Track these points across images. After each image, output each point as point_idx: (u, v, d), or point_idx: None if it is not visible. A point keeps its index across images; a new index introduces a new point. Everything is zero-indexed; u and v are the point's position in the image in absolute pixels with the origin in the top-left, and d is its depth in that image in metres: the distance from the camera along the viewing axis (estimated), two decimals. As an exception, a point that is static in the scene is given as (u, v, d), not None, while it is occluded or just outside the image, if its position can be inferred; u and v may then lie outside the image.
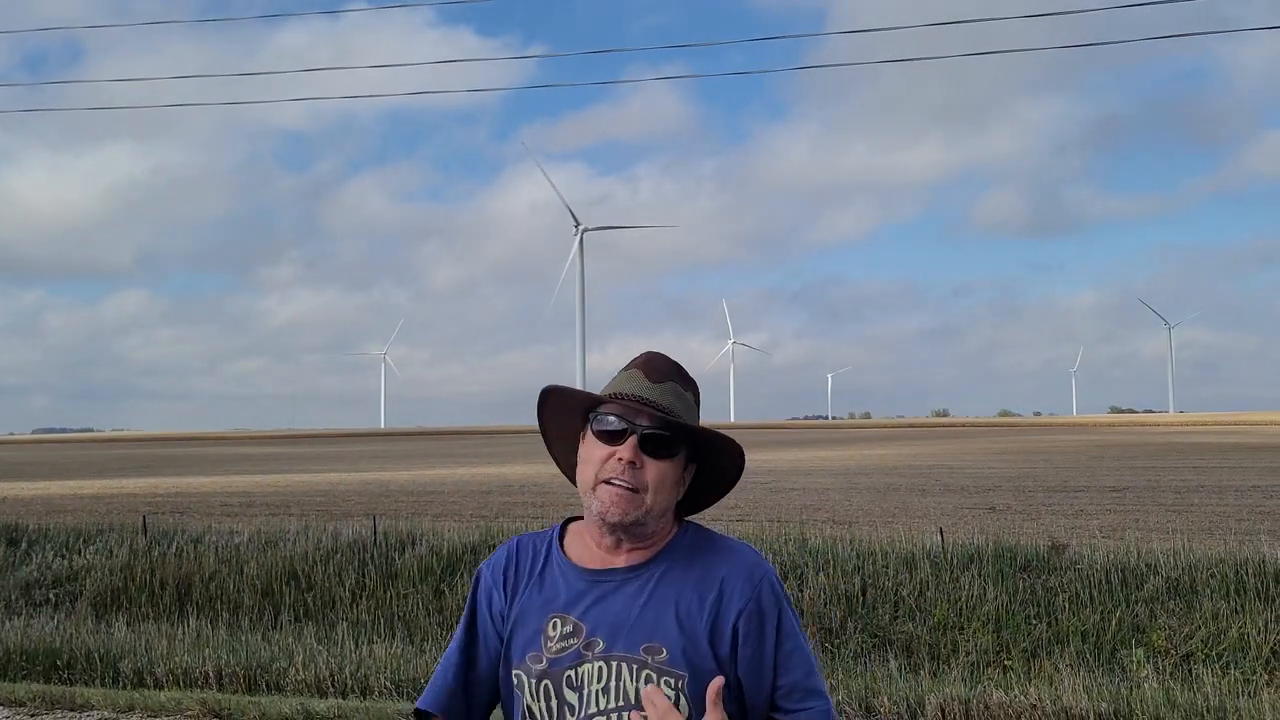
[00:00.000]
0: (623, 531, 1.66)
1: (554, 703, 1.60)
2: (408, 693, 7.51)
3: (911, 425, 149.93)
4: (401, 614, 10.30)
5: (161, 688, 7.94)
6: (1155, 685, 6.96)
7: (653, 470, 1.65)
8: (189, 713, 6.77)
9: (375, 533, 12.04)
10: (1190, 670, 7.77)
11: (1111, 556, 9.79)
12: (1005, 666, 8.18)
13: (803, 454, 45.99)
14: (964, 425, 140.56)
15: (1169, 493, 20.30)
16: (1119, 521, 14.78)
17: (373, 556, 11.39)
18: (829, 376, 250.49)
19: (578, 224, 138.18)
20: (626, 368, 1.74)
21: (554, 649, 1.61)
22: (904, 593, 9.43)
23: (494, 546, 11.19)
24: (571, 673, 1.60)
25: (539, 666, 1.61)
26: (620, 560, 1.69)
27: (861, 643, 8.92)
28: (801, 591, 9.54)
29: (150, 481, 29.93)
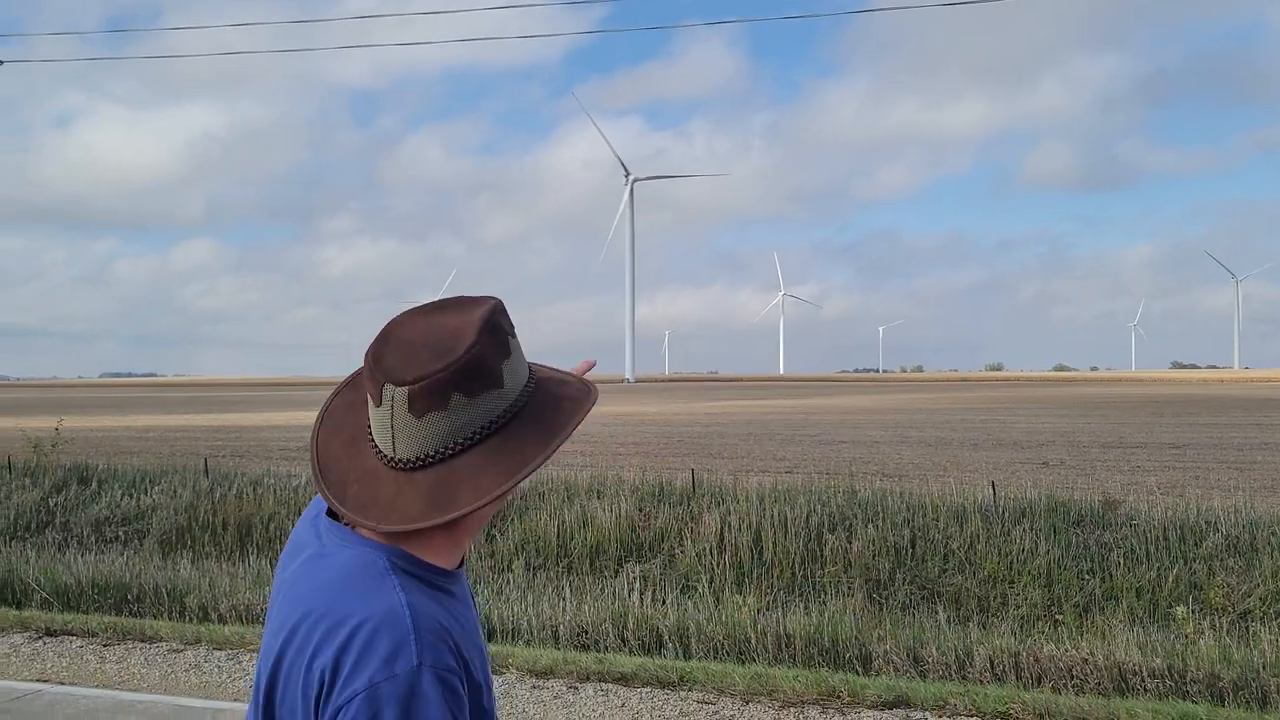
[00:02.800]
0: None
1: None
2: (461, 633, 7.70)
3: (964, 379, 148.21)
4: (454, 557, 10.51)
5: (225, 622, 8.22)
6: (1211, 642, 6.89)
7: None
8: (251, 647, 7.00)
9: (428, 478, 12.22)
10: (1248, 628, 7.66)
11: (1169, 513, 9.64)
12: (1056, 621, 8.14)
13: (849, 400, 45.77)
14: (1018, 379, 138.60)
15: (1231, 450, 19.88)
16: (1178, 479, 14.53)
17: (426, 501, 11.60)
18: (880, 330, 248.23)
19: (628, 174, 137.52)
20: (513, 332, 1.25)
21: None
22: (954, 545, 9.39)
23: (544, 494, 11.35)
24: None
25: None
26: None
27: (910, 594, 8.92)
28: (851, 543, 9.55)
29: (212, 418, 30.69)
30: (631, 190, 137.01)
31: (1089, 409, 40.95)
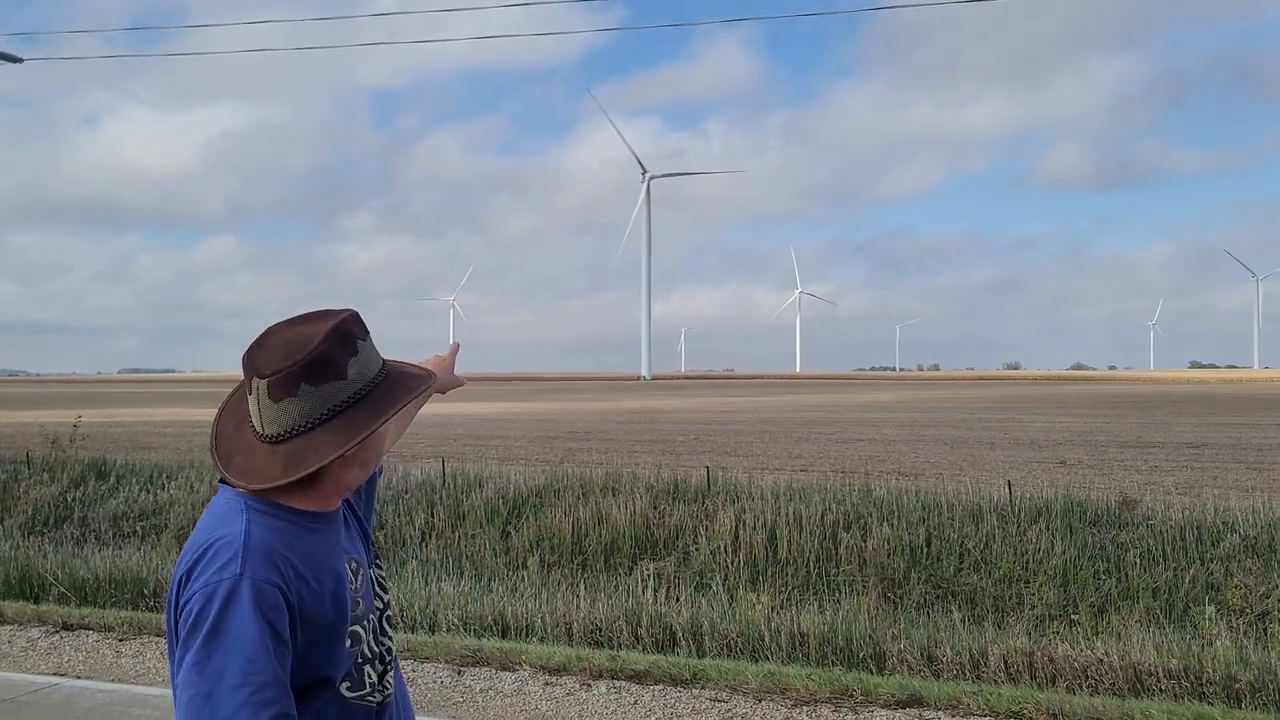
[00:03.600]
0: None
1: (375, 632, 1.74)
2: (474, 629, 7.71)
3: (981, 377, 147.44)
4: (469, 554, 10.53)
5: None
6: (1228, 644, 6.83)
7: None
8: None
9: (444, 475, 12.28)
10: (1265, 629, 7.60)
11: (1186, 513, 9.57)
12: (1072, 621, 8.09)
13: (865, 397, 45.61)
14: (1036, 378, 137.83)
15: (1250, 450, 19.71)
16: (1196, 478, 14.41)
17: (442, 498, 11.64)
18: (896, 328, 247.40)
19: (644, 171, 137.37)
20: (366, 337, 1.66)
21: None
22: (969, 545, 9.35)
23: (559, 491, 11.36)
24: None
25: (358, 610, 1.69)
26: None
27: (925, 594, 8.89)
28: (866, 542, 9.52)
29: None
30: (648, 188, 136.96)
31: (1106, 408, 40.67)
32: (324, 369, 1.55)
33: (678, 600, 8.38)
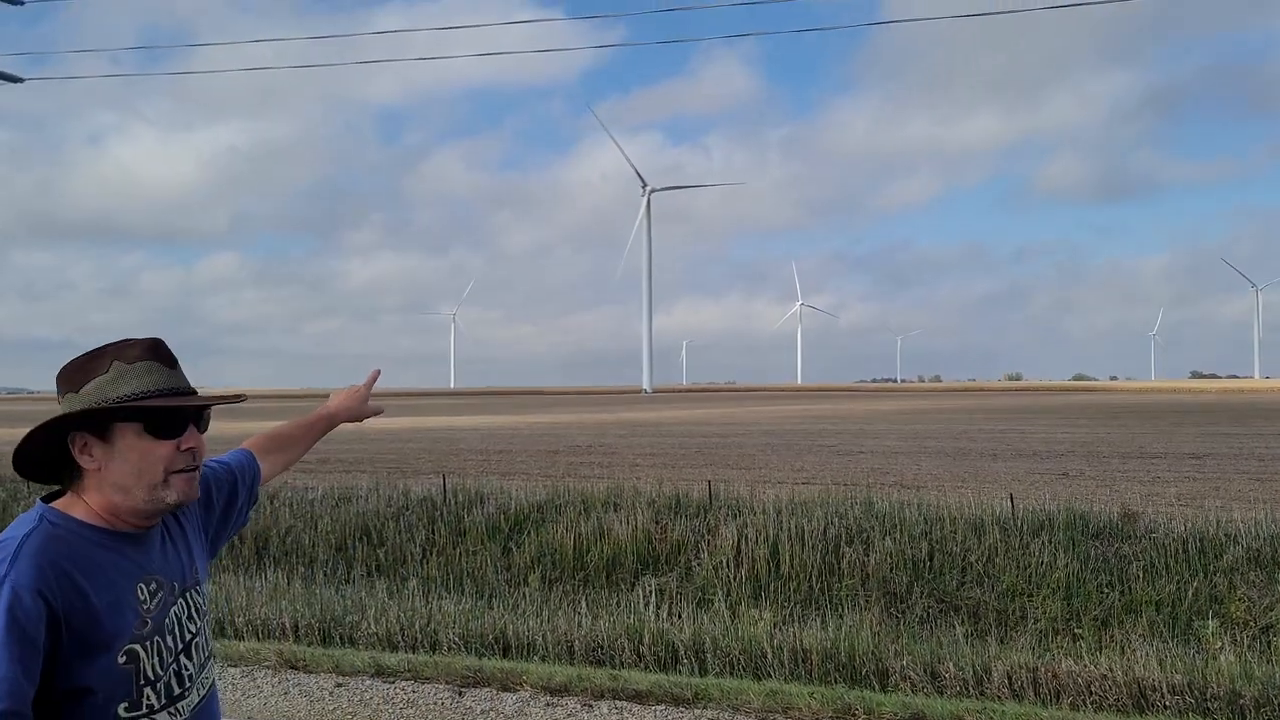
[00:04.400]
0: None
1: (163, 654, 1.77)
2: (475, 648, 7.68)
3: (983, 389, 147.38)
4: (470, 571, 10.50)
5: (241, 638, 8.24)
6: (1232, 657, 6.79)
7: (201, 445, 1.84)
8: (266, 663, 7.01)
9: (445, 491, 12.26)
10: (1269, 643, 7.56)
11: (1189, 525, 9.53)
12: (1075, 635, 8.05)
13: (866, 406, 45.53)
14: (1037, 389, 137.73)
15: (1252, 460, 19.66)
16: (1198, 489, 14.37)
17: (442, 514, 11.61)
18: (898, 339, 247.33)
19: (645, 185, 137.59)
20: (131, 361, 1.76)
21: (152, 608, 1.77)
22: (972, 558, 9.31)
23: (561, 506, 11.34)
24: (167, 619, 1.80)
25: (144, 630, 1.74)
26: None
27: (927, 608, 8.85)
28: (868, 556, 9.48)
29: (230, 427, 30.81)
30: (649, 201, 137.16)
31: (1108, 419, 40.62)
32: (64, 381, 1.76)
33: (680, 617, 8.34)
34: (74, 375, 1.75)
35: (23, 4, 21.65)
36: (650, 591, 9.34)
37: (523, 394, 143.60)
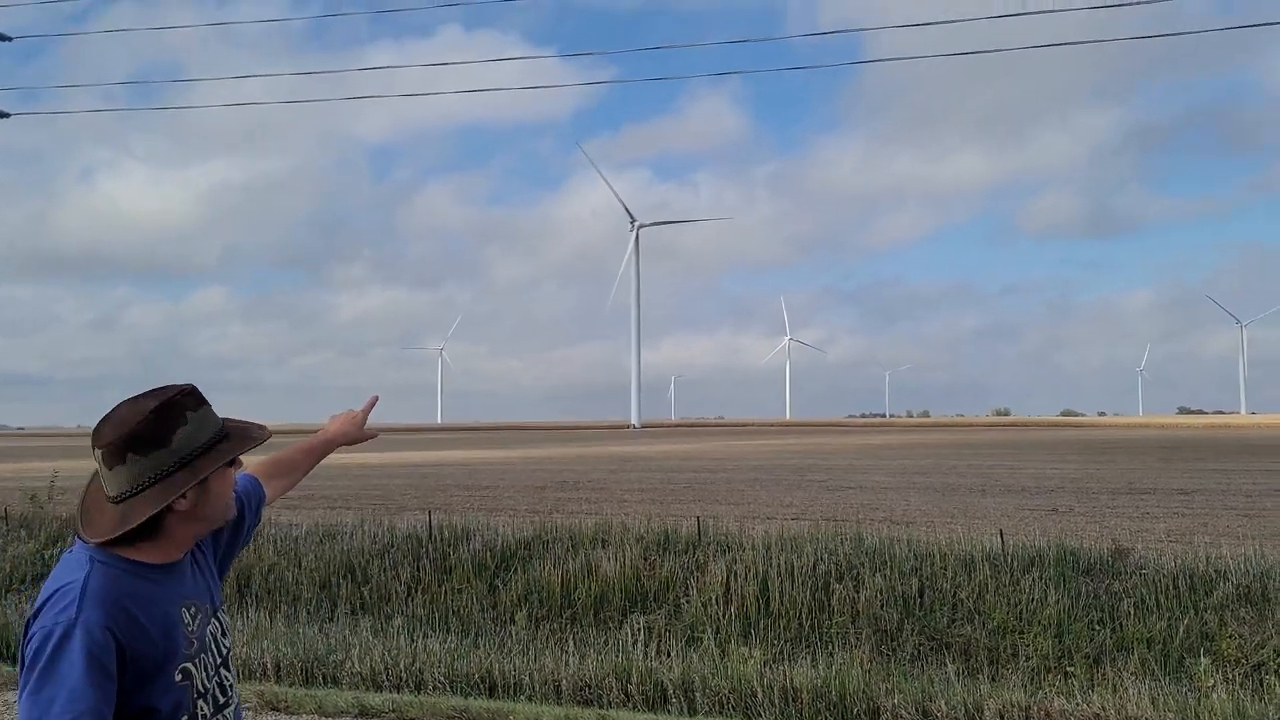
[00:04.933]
0: None
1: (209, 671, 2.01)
2: (461, 688, 7.59)
3: (971, 425, 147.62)
4: (456, 609, 10.40)
5: (222, 677, 8.10)
6: (1224, 695, 6.76)
7: None
8: (246, 705, 6.90)
9: (430, 528, 12.16)
10: (1261, 681, 7.53)
11: (1179, 561, 9.53)
12: (1067, 673, 8.01)
13: (857, 440, 45.47)
14: (1026, 424, 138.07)
15: (1240, 496, 19.72)
16: (1187, 525, 14.39)
17: (428, 551, 11.51)
18: (886, 374, 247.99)
19: (633, 220, 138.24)
20: (196, 407, 1.96)
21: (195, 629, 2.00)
22: (962, 595, 9.28)
23: (548, 543, 11.27)
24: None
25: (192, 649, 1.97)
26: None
27: (918, 645, 8.80)
28: (858, 592, 9.43)
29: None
30: (637, 237, 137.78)
31: (1097, 454, 40.72)
32: (148, 441, 1.87)
33: (668, 655, 8.27)
34: (146, 433, 1.87)
35: (10, 40, 21.76)
36: (638, 629, 9.26)
37: (510, 429, 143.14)
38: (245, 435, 2.01)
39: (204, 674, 1.97)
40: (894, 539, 10.75)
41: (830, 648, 8.73)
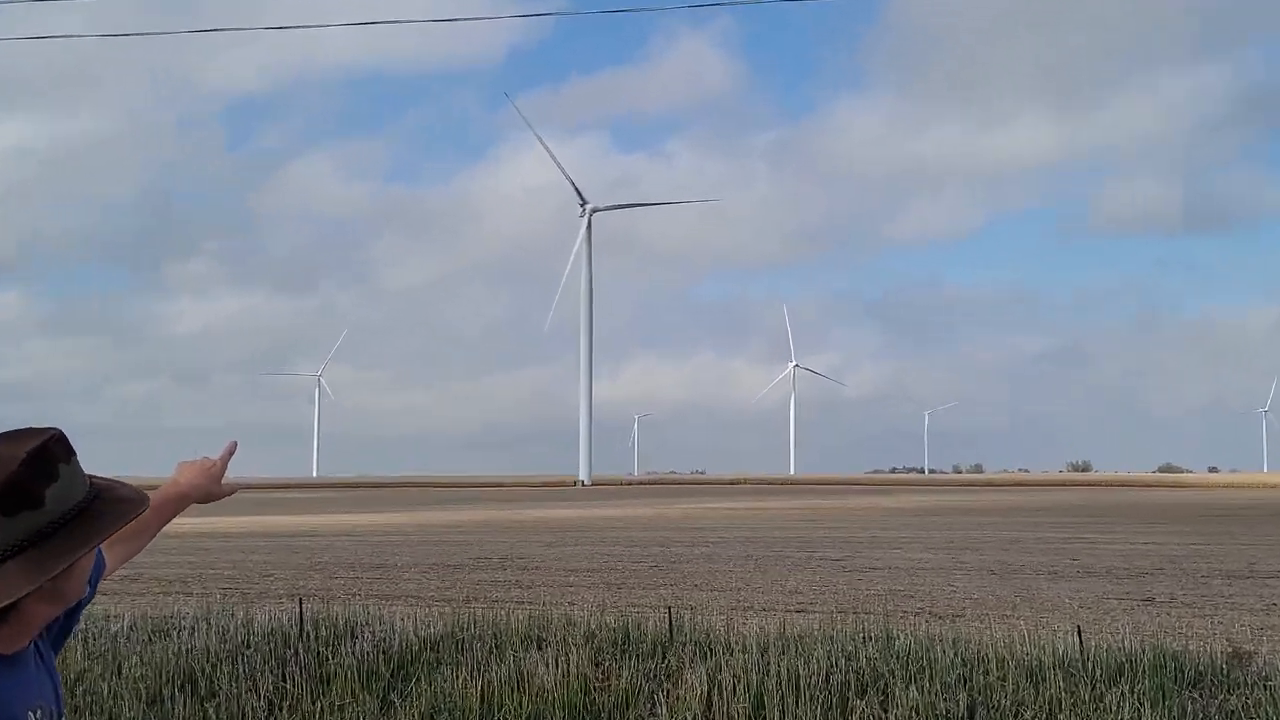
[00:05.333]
0: None
1: None
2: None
3: (1038, 483, 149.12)
4: (336, 733, 10.31)
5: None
6: None
7: None
8: None
9: (301, 621, 12.07)
10: None
11: (1317, 669, 9.65)
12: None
13: (882, 506, 45.72)
14: (1110, 483, 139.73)
15: (1397, 581, 20.04)
16: (1327, 620, 14.59)
17: (298, 654, 11.42)
18: (925, 415, 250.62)
19: (584, 203, 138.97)
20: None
21: None
22: (1027, 715, 9.34)
23: (464, 642, 11.21)
24: None
25: None
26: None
27: (968, 784, 8.83)
28: (886, 711, 9.47)
29: None
30: (589, 225, 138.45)
31: (1207, 523, 41.27)
32: (18, 498, 1.90)
33: (628, 797, 8.24)
34: (14, 486, 1.91)
35: None
36: (587, 762, 9.22)
37: (413, 485, 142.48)
38: (120, 500, 2.06)
39: None
40: (935, 638, 10.81)
41: (849, 787, 8.74)
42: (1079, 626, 10.95)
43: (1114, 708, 9.28)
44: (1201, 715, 9.22)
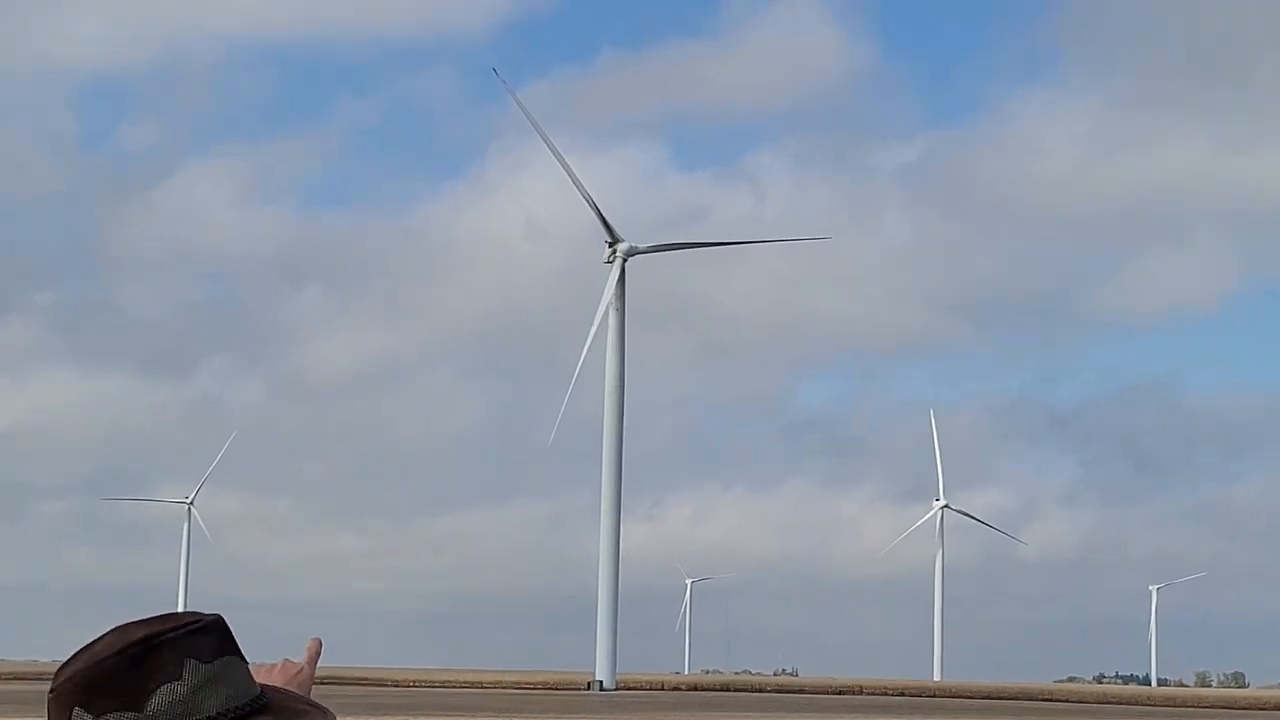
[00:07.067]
0: None
1: None
2: None
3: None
4: None
5: None
6: None
7: None
8: None
9: None
10: None
11: None
12: None
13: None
14: None
15: None
16: None
17: None
18: (1152, 591, 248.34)
19: (615, 242, 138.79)
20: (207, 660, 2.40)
21: None
22: None
23: None
24: None
25: None
26: None
27: None
28: None
29: None
30: (622, 276, 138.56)
31: None
32: (107, 692, 2.19)
33: None
34: (105, 680, 2.22)
35: None
36: None
37: (342, 681, 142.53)
38: (294, 710, 2.47)
39: None
40: None
41: None
42: None
43: None
44: None
